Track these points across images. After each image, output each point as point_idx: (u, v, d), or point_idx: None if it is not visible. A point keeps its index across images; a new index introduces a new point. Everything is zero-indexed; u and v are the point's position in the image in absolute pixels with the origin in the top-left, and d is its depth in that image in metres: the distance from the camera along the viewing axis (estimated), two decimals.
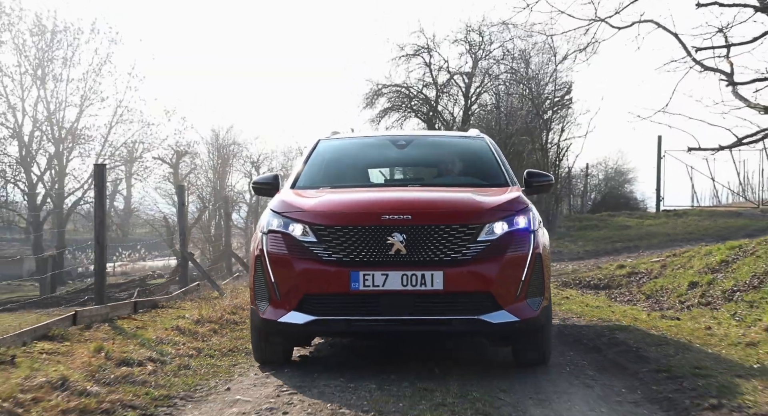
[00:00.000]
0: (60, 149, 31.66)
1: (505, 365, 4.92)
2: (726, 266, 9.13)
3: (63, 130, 31.45)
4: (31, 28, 30.79)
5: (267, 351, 4.94)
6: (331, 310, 4.53)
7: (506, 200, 4.87)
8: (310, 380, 4.38)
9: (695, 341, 5.18)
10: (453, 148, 6.60)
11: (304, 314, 4.51)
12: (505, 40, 20.39)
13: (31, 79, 31.11)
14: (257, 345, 4.98)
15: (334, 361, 5.22)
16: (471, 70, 21.14)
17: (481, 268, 4.48)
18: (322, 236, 4.56)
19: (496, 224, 4.59)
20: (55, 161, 32.30)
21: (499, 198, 4.92)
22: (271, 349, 4.95)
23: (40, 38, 30.97)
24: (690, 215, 18.77)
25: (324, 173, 5.86)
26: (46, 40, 30.95)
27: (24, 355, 4.52)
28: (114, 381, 3.99)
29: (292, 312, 4.53)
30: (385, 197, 5.04)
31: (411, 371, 4.53)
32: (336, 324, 4.55)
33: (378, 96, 21.33)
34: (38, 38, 30.91)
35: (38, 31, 31.00)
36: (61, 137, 31.47)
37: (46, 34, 31.11)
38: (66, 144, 31.81)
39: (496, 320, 4.41)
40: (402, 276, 4.40)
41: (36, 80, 31.07)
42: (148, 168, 32.08)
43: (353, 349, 5.67)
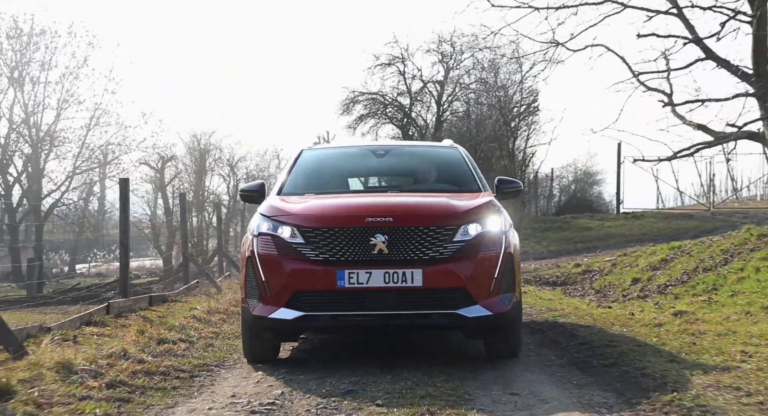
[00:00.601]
0: (38, 152, 32.37)
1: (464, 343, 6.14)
2: (665, 264, 10.52)
3: (41, 132, 32.20)
4: (7, 31, 31.50)
5: (257, 348, 5.27)
6: (319, 306, 4.86)
7: (479, 204, 5.29)
8: (310, 360, 5.60)
9: (617, 324, 6.51)
10: (428, 157, 7.05)
11: (293, 310, 4.83)
12: (475, 51, 21.79)
13: (8, 81, 31.81)
14: (248, 341, 5.30)
15: (328, 352, 6.42)
16: (443, 79, 22.56)
17: (457, 266, 4.86)
18: (310, 238, 4.89)
19: (470, 226, 4.99)
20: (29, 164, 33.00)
21: (473, 202, 5.34)
22: (260, 345, 5.27)
23: (16, 41, 31.68)
24: (646, 217, 20.32)
25: (308, 180, 6.22)
26: (23, 42, 31.66)
27: (81, 336, 5.71)
28: (160, 354, 5.18)
29: (281, 309, 4.85)
30: (368, 202, 5.41)
31: (395, 363, 5.06)
32: (323, 319, 4.88)
33: (354, 103, 22.63)
34: (15, 41, 31.62)
35: (15, 34, 31.69)
36: (39, 138, 32.18)
37: (23, 37, 31.80)
38: (43, 146, 32.54)
39: (471, 314, 4.81)
40: (384, 274, 4.77)
41: (12, 83, 31.75)
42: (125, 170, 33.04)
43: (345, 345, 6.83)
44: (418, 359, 5.27)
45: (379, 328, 5.15)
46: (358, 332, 5.77)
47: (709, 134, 10.56)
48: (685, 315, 6.49)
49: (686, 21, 10.06)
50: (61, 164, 34.00)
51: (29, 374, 4.16)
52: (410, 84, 22.47)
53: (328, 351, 6.01)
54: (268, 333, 5.17)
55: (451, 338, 6.21)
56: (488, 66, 21.62)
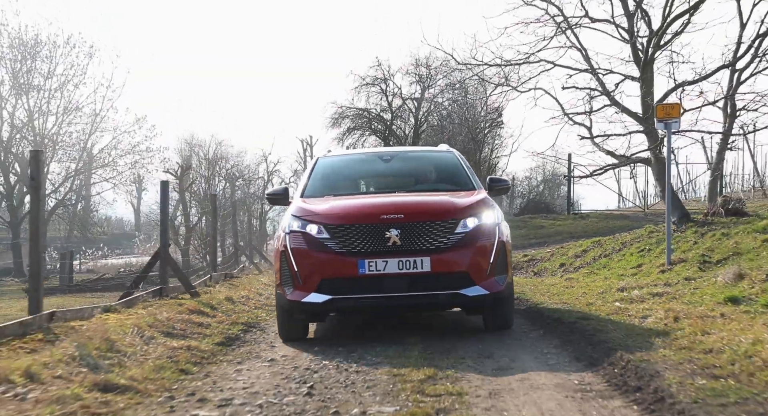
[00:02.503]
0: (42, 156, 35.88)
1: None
2: (585, 253, 14.88)
3: (45, 138, 35.78)
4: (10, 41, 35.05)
5: (291, 328, 6.24)
6: (344, 290, 5.77)
7: (476, 201, 6.23)
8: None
9: (531, 285, 10.86)
10: (428, 160, 8.11)
11: (322, 294, 5.77)
12: (447, 73, 26.09)
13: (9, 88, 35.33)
14: (282, 323, 6.26)
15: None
16: (420, 96, 26.80)
17: (459, 254, 5.77)
18: (334, 233, 5.83)
19: (469, 219, 5.92)
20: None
21: (470, 199, 6.28)
22: (294, 326, 6.25)
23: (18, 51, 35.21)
24: (591, 218, 24.79)
25: (326, 184, 7.20)
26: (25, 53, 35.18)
27: (209, 291, 9.88)
28: (265, 297, 9.36)
29: (312, 294, 5.79)
30: (382, 201, 6.25)
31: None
32: (348, 301, 5.80)
33: (342, 118, 26.78)
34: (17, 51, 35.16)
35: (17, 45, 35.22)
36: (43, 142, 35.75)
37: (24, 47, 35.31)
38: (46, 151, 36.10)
39: (472, 293, 5.74)
40: (398, 262, 5.68)
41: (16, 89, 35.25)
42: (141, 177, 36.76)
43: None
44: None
45: (395, 307, 6.08)
46: (378, 311, 6.55)
47: (615, 158, 14.92)
48: (571, 281, 10.88)
49: (598, 78, 14.37)
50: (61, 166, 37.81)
51: (215, 302, 8.36)
52: (391, 101, 26.74)
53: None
54: (301, 315, 6.11)
55: (448, 317, 7.65)
56: (459, 86, 25.89)
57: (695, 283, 8.41)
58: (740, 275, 7.79)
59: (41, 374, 4.19)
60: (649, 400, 3.76)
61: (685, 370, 4.34)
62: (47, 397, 3.77)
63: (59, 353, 4.69)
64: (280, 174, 38.68)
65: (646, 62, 13.68)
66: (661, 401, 3.69)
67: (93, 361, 4.73)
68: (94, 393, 3.98)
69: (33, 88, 35.83)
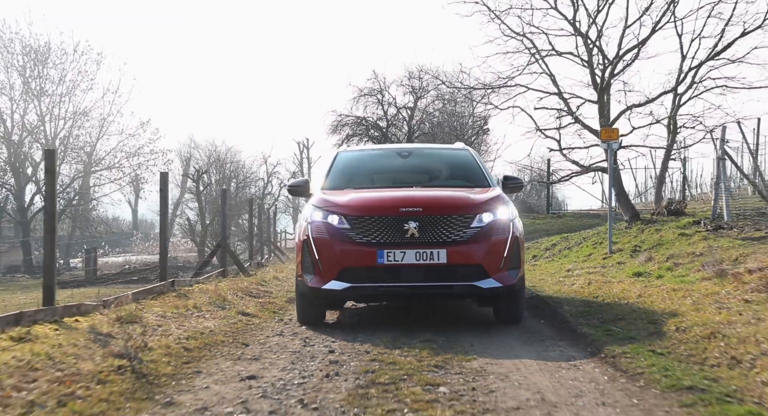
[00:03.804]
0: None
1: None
2: (554, 246, 18.07)
3: (57, 139, 38.65)
4: (23, 48, 37.92)
5: (309, 313, 6.60)
6: (363, 279, 6.03)
7: (491, 197, 6.46)
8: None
9: None
10: (445, 157, 8.29)
11: (342, 282, 6.05)
12: (437, 85, 29.25)
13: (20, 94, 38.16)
14: (302, 308, 6.60)
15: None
16: (413, 106, 29.97)
17: (474, 247, 6.01)
18: (355, 224, 6.10)
19: (484, 215, 6.16)
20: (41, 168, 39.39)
21: (486, 195, 6.50)
22: (313, 311, 6.59)
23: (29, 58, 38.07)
24: (567, 217, 28.05)
25: (346, 177, 7.48)
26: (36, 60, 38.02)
27: (240, 277, 13.02)
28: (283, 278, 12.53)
29: (332, 281, 6.07)
30: (402, 195, 6.50)
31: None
32: (367, 289, 6.06)
33: (342, 126, 29.92)
34: (28, 58, 38.02)
35: (28, 51, 38.09)
36: (54, 145, 38.56)
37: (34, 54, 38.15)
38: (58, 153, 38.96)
39: (486, 285, 5.98)
40: (416, 253, 5.94)
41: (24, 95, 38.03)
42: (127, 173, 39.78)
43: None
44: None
45: (411, 296, 6.40)
46: (395, 299, 6.96)
47: (579, 167, 18.14)
48: (535, 266, 14.08)
49: (564, 100, 17.53)
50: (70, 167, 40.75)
51: (267, 278, 11.50)
52: (387, 110, 29.86)
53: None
54: (320, 301, 6.46)
55: (452, 309, 7.95)
56: (448, 97, 29.04)
57: (623, 265, 11.60)
58: (650, 258, 11.01)
59: (200, 308, 7.34)
60: (550, 317, 6.97)
61: (577, 306, 7.53)
62: (216, 316, 6.94)
63: (201, 300, 7.84)
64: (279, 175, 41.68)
65: (602, 88, 16.92)
66: (555, 317, 6.90)
67: (221, 304, 7.89)
68: (239, 316, 7.17)
69: (44, 93, 38.67)
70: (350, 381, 4.36)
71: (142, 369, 4.46)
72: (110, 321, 5.83)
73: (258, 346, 5.69)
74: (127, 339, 4.90)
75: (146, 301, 7.48)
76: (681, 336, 5.31)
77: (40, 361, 4.36)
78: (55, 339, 5.04)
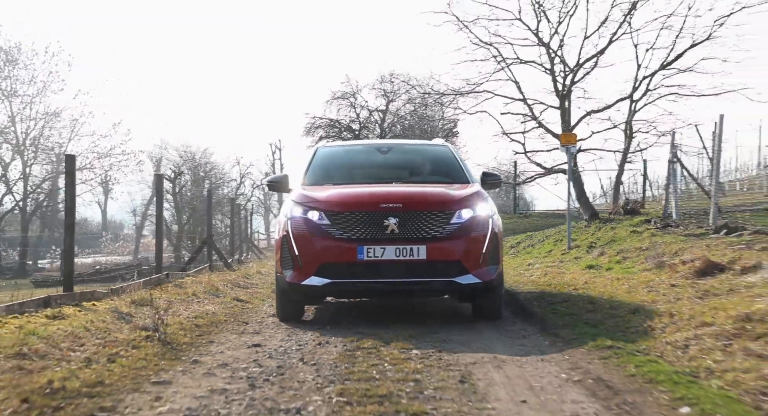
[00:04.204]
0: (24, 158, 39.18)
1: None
2: (518, 243, 19.22)
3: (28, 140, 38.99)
4: None
5: (288, 309, 6.64)
6: (343, 274, 6.11)
7: (471, 193, 6.55)
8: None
9: None
10: (424, 153, 8.32)
11: (321, 278, 6.11)
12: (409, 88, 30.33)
13: None
14: (281, 304, 6.67)
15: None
16: (385, 109, 31.01)
17: (453, 243, 6.10)
18: (335, 220, 6.15)
19: (464, 211, 6.24)
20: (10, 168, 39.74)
21: (466, 191, 6.59)
22: (291, 307, 6.64)
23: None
24: (533, 217, 29.32)
25: (326, 173, 7.52)
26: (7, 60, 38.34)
27: (225, 271, 13.94)
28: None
29: (312, 277, 6.12)
30: (382, 191, 6.54)
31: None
32: (346, 285, 6.16)
33: (316, 128, 30.87)
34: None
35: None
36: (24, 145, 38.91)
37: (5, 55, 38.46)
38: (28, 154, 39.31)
39: (465, 281, 6.08)
40: (395, 249, 6.01)
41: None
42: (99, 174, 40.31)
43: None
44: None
45: (391, 292, 6.43)
46: (374, 295, 7.02)
47: (542, 169, 19.32)
48: None
49: (529, 106, 18.69)
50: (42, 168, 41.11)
51: (251, 272, 12.42)
52: (359, 113, 30.89)
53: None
54: (299, 297, 6.48)
55: (430, 305, 8.23)
56: (419, 101, 30.14)
57: (578, 260, 12.73)
58: (602, 253, 12.16)
59: (198, 296, 8.28)
60: (509, 301, 8.03)
61: (532, 292, 8.61)
62: (214, 302, 7.89)
63: (197, 289, 8.78)
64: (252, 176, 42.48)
65: (563, 95, 18.11)
66: (513, 301, 7.97)
67: (215, 293, 8.84)
68: (234, 302, 8.13)
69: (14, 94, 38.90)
70: (339, 347, 5.35)
71: (165, 338, 5.41)
72: (127, 304, 6.77)
73: (256, 324, 6.66)
74: (153, 314, 5.82)
75: (147, 290, 8.39)
76: (611, 312, 6.39)
77: (81, 332, 5.30)
78: (84, 317, 5.95)
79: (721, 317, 5.33)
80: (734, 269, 7.51)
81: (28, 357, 4.39)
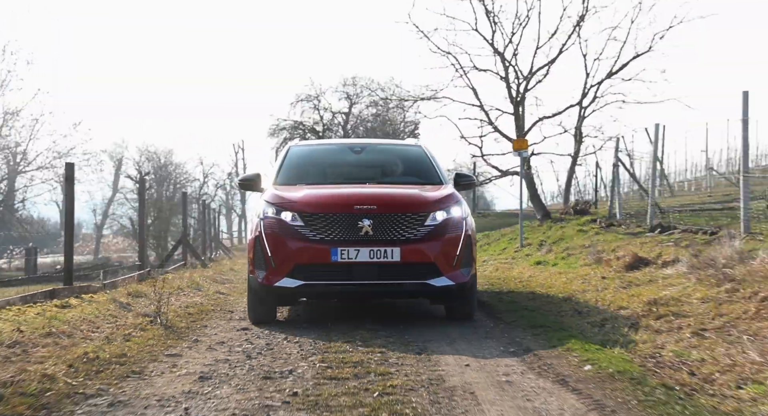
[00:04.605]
0: None
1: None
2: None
3: None
4: None
5: (260, 311, 6.59)
6: (316, 276, 6.12)
7: (445, 195, 6.59)
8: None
9: None
10: (397, 153, 8.24)
11: (294, 279, 6.11)
12: (371, 92, 31.43)
13: None
14: (253, 306, 6.60)
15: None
16: (347, 112, 32.00)
17: (427, 245, 6.16)
18: (308, 221, 6.15)
19: (438, 213, 6.29)
20: None
21: (439, 193, 6.64)
22: (264, 309, 6.59)
23: None
24: (491, 216, 30.54)
25: (298, 172, 7.46)
26: None
27: (199, 268, 14.82)
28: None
29: (285, 278, 6.12)
30: (357, 192, 6.52)
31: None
32: (320, 287, 6.17)
33: (280, 129, 31.73)
34: None
35: None
36: None
37: None
38: None
39: (438, 283, 6.13)
40: (369, 251, 6.05)
41: None
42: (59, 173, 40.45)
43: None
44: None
45: (365, 294, 6.54)
46: (348, 297, 7.07)
47: (498, 171, 20.51)
48: None
49: (485, 112, 19.84)
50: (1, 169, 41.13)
51: (224, 269, 13.32)
52: (323, 115, 31.82)
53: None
54: (272, 298, 6.44)
55: (402, 306, 8.18)
56: (381, 104, 31.21)
57: (529, 256, 13.88)
58: (550, 250, 13.33)
59: (183, 289, 9.18)
60: None
61: (482, 284, 9.67)
62: (199, 294, 8.82)
63: (181, 284, 9.68)
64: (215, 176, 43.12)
65: (517, 101, 19.30)
66: None
67: (197, 287, 9.75)
68: (217, 294, 9.06)
69: None
70: (317, 329, 6.32)
71: (166, 323, 6.33)
72: (124, 295, 7.67)
73: (241, 312, 7.60)
74: (153, 304, 6.74)
75: (135, 284, 9.26)
76: (548, 300, 7.50)
77: (93, 318, 6.20)
78: (89, 307, 6.84)
79: (635, 302, 6.47)
80: (657, 263, 8.67)
81: (58, 335, 5.29)
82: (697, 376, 4.22)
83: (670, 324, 5.59)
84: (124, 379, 4.31)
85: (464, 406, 3.72)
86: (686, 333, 5.27)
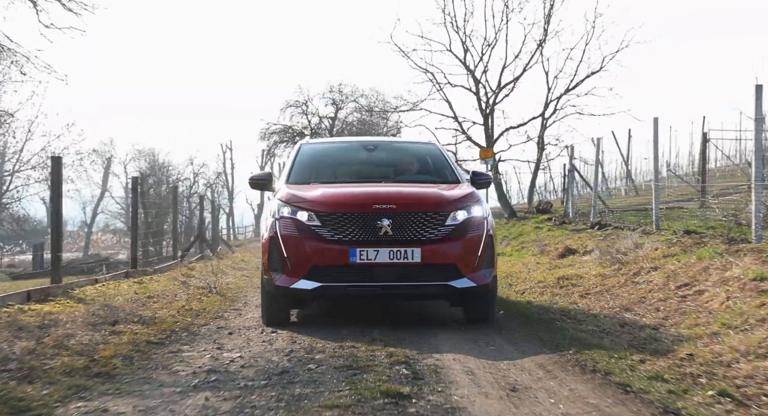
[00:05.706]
0: None
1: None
2: None
3: None
4: None
5: (274, 313, 6.56)
6: (334, 278, 6.02)
7: (465, 194, 6.55)
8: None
9: None
10: (412, 152, 8.22)
11: (312, 281, 6.04)
12: (356, 97, 34.12)
13: None
14: (267, 309, 6.57)
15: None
16: (334, 116, 34.68)
17: (448, 246, 6.09)
18: (326, 221, 6.08)
19: (458, 212, 6.24)
20: None
21: (460, 192, 6.60)
22: (278, 312, 6.56)
23: None
24: None
25: (311, 170, 7.49)
26: None
27: (213, 259, 17.51)
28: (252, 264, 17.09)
29: (301, 280, 6.05)
30: (375, 191, 6.45)
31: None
32: (338, 288, 6.05)
33: (270, 133, 34.36)
34: None
35: None
36: None
37: None
38: None
39: (460, 285, 6.06)
40: (389, 252, 5.95)
41: None
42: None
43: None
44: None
45: (384, 296, 6.44)
46: (367, 299, 7.03)
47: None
48: None
49: (459, 122, 22.61)
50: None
51: (236, 260, 16.01)
52: (311, 120, 34.44)
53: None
54: (287, 300, 6.41)
55: (413, 308, 8.76)
56: (366, 110, 33.82)
57: None
58: (508, 244, 16.15)
59: (214, 273, 11.89)
60: None
61: None
62: (228, 276, 11.54)
63: (209, 270, 12.39)
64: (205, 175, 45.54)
65: (486, 113, 22.12)
66: None
67: (223, 272, 12.44)
68: (243, 277, 11.78)
69: None
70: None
71: (219, 293, 9.05)
72: (179, 276, 10.37)
73: None
74: (208, 278, 9.45)
75: (171, 271, 11.96)
76: None
77: (167, 289, 8.90)
78: (157, 282, 9.53)
79: (550, 277, 9.29)
80: (580, 252, 11.51)
81: (155, 298, 7.99)
82: (571, 315, 7.01)
83: (568, 290, 8.42)
84: (215, 320, 7.00)
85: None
86: (575, 295, 8.09)
